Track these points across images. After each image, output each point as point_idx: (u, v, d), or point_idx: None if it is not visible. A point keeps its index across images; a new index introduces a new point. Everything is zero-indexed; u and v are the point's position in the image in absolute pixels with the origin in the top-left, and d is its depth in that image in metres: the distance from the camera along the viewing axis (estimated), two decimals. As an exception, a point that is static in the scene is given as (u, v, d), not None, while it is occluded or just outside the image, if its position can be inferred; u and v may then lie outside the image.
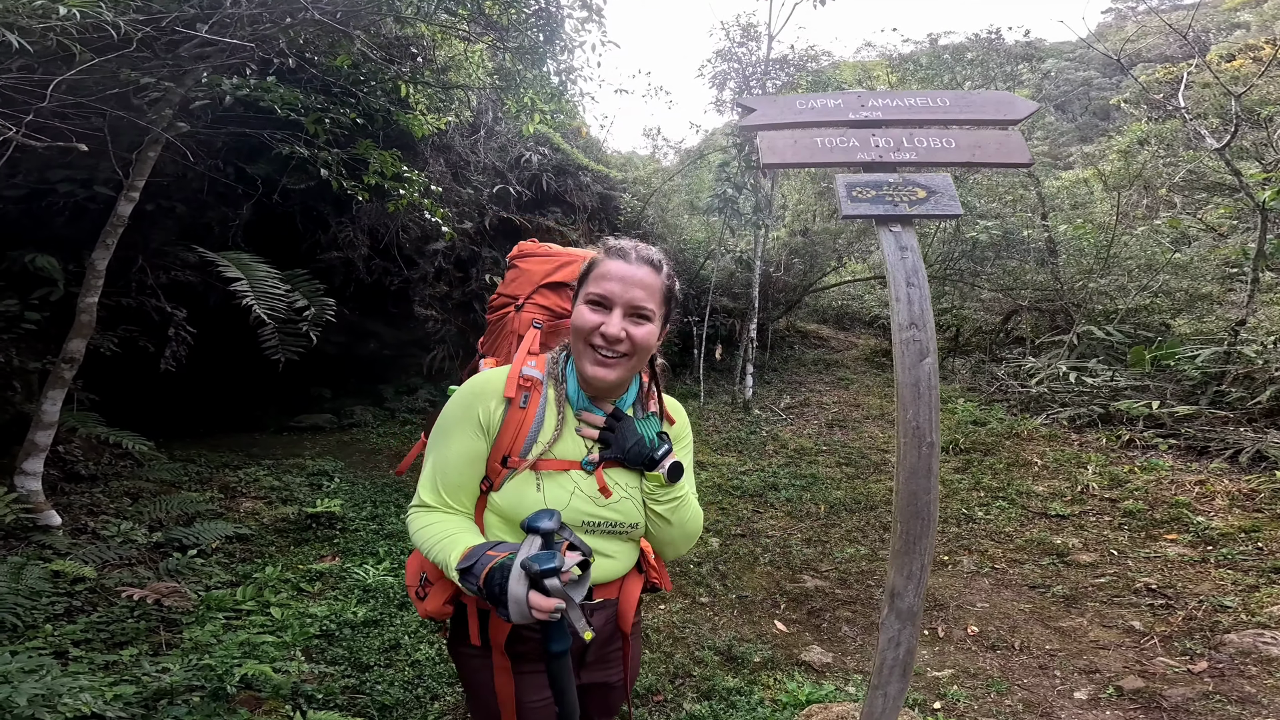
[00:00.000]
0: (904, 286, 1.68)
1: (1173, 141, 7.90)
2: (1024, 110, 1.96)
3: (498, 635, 1.06)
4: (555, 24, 5.01)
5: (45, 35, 2.25)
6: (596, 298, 1.05)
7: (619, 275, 1.05)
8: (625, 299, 1.05)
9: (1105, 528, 4.13)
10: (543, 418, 1.08)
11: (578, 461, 1.09)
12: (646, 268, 1.07)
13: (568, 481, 1.07)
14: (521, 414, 1.06)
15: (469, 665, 1.13)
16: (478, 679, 1.11)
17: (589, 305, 1.06)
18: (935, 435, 1.55)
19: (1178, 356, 5.85)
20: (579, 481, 1.08)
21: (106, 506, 3.52)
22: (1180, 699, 2.44)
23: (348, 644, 2.61)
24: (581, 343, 1.06)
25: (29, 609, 2.38)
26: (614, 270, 1.06)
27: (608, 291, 1.05)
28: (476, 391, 1.09)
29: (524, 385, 1.09)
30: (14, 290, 3.55)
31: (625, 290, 1.04)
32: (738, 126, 6.68)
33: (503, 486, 1.05)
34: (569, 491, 1.06)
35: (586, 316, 1.05)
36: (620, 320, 1.04)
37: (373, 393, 6.96)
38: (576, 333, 1.07)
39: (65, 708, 1.60)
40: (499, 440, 1.06)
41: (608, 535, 1.11)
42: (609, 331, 1.03)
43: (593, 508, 1.08)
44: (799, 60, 8.00)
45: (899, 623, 1.54)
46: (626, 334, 1.04)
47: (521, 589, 0.90)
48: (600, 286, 1.05)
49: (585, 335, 1.05)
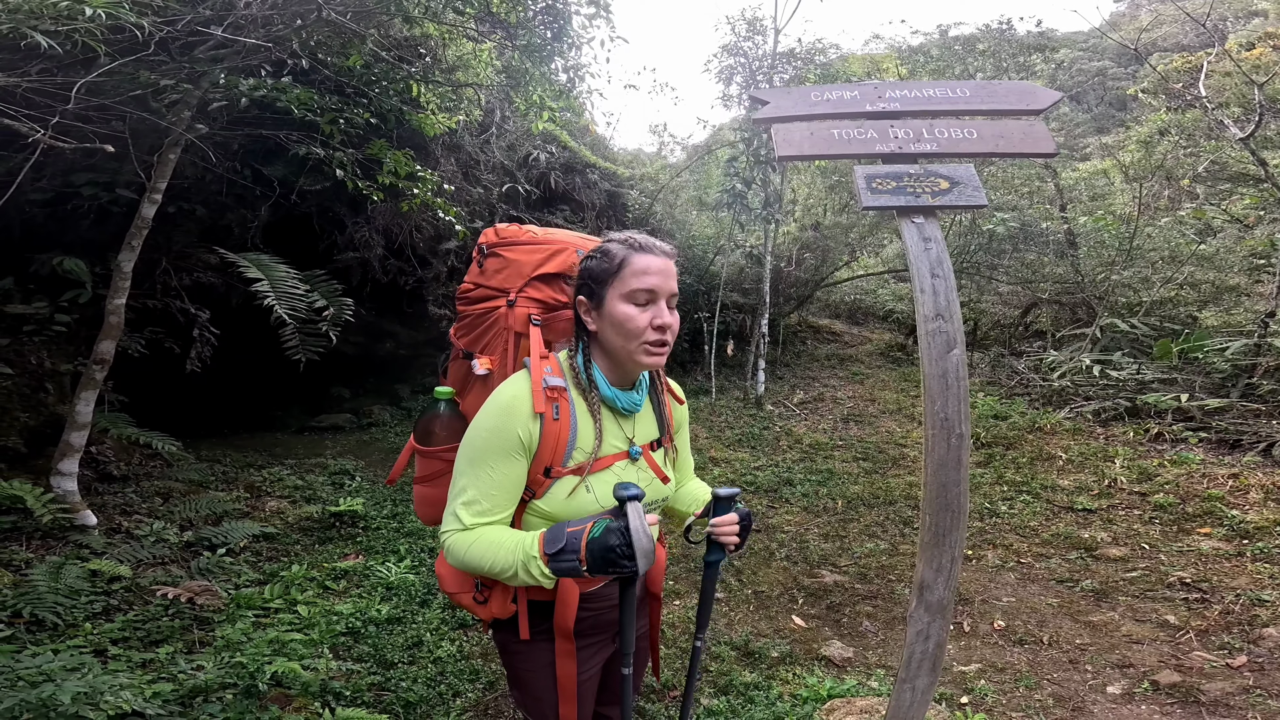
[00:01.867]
0: (928, 278, 1.66)
1: (1194, 131, 7.69)
2: (1047, 100, 1.92)
3: (564, 621, 1.09)
4: (563, 20, 5.01)
5: (69, 37, 2.29)
6: (644, 295, 1.07)
7: (657, 269, 1.08)
8: (667, 290, 1.09)
9: (1135, 522, 4.05)
10: (576, 425, 1.08)
11: (624, 452, 1.13)
12: (667, 258, 1.11)
13: (611, 476, 1.11)
14: (556, 425, 1.06)
15: (524, 658, 1.15)
16: (534, 668, 1.15)
17: (635, 304, 1.07)
18: (965, 427, 1.53)
19: (1206, 349, 5.70)
20: (620, 473, 1.12)
21: (139, 506, 3.59)
22: (1219, 694, 2.38)
23: (373, 641, 2.64)
24: (634, 340, 1.07)
25: (69, 608, 2.43)
26: (652, 264, 1.08)
27: (654, 285, 1.07)
28: (510, 412, 1.05)
29: (551, 396, 1.07)
30: (44, 293, 3.63)
31: (665, 282, 1.08)
32: (751, 119, 6.63)
33: (547, 494, 1.07)
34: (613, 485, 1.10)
35: (637, 315, 1.07)
36: (667, 310, 1.09)
37: (390, 392, 7.03)
38: (628, 332, 1.07)
39: (107, 705, 1.64)
40: (539, 454, 1.06)
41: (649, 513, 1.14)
42: (665, 321, 1.07)
43: None
44: (806, 54, 7.91)
45: (928, 615, 1.52)
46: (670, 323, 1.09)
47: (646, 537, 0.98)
48: (644, 282, 1.07)
49: (640, 332, 1.07)
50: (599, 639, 1.19)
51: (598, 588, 1.15)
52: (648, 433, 1.19)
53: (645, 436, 1.19)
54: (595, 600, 1.15)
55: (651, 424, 1.21)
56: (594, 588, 1.14)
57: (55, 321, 3.56)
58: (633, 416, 1.16)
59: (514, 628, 1.14)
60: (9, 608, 2.34)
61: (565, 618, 1.09)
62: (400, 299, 6.41)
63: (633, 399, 1.14)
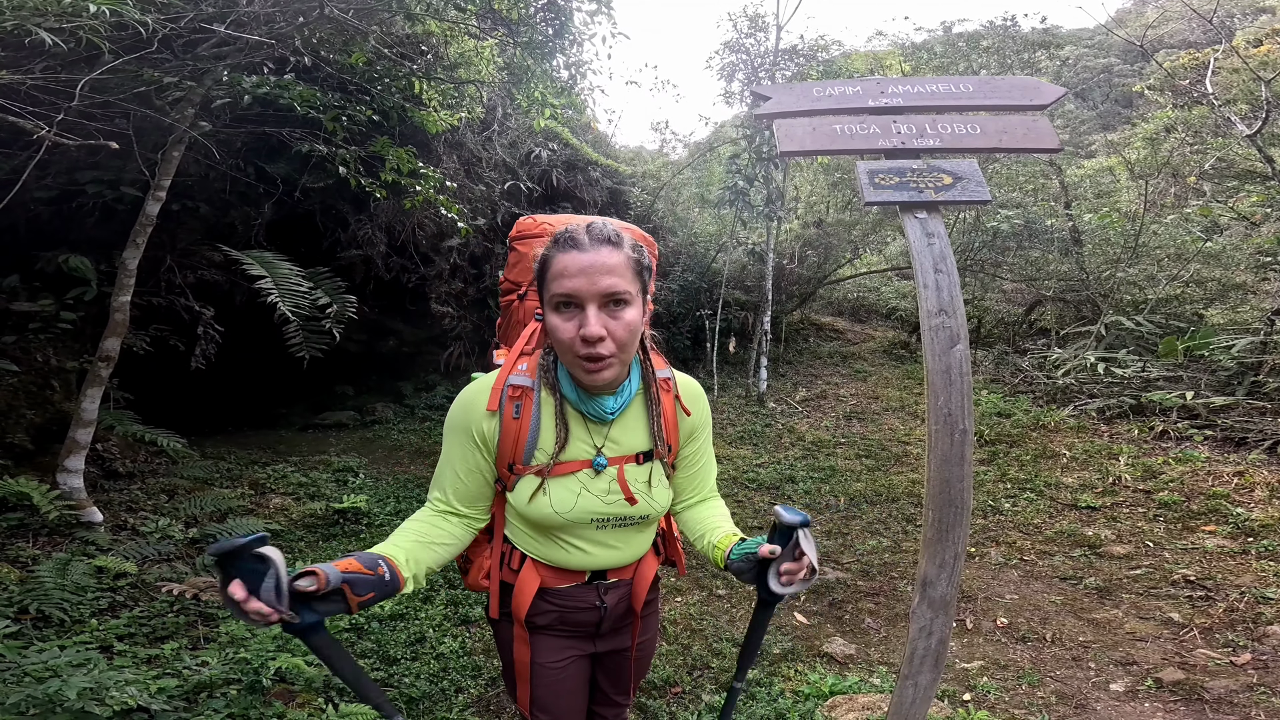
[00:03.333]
0: (931, 273, 1.65)
1: (1200, 128, 7.64)
2: (1051, 95, 1.91)
3: (518, 609, 1.13)
4: (564, 17, 5.01)
5: (73, 34, 2.29)
6: (563, 299, 0.93)
7: (579, 268, 0.91)
8: (594, 291, 0.92)
9: (1139, 519, 4.03)
10: (538, 425, 1.04)
11: (587, 461, 1.06)
12: (606, 248, 0.93)
13: (574, 483, 1.06)
14: (516, 424, 1.03)
15: (498, 634, 1.21)
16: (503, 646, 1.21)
17: (557, 311, 0.95)
18: (968, 422, 1.52)
19: (1212, 346, 5.67)
20: (586, 482, 1.06)
21: (144, 503, 3.62)
22: (1223, 691, 2.37)
23: (375, 637, 2.65)
24: (567, 354, 0.96)
25: (75, 604, 2.45)
26: (571, 264, 0.92)
27: (573, 289, 0.92)
28: (466, 406, 1.06)
29: (513, 395, 1.04)
30: (49, 291, 3.65)
31: (591, 282, 0.91)
32: (753, 115, 6.61)
33: (514, 489, 1.07)
34: (575, 493, 1.06)
35: (559, 325, 0.94)
36: (597, 316, 0.92)
37: (393, 390, 7.05)
38: (559, 345, 0.97)
39: (113, 700, 1.65)
40: (500, 450, 1.05)
41: (619, 528, 1.11)
42: (590, 333, 0.91)
43: (601, 505, 1.07)
44: (809, 50, 7.89)
45: (931, 612, 1.52)
46: (607, 330, 0.93)
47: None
48: (562, 286, 0.92)
49: (567, 346, 0.95)
50: (568, 635, 1.18)
51: (565, 587, 1.14)
52: (633, 443, 1.09)
53: (630, 447, 1.09)
54: (562, 598, 1.14)
55: (641, 434, 1.09)
56: (560, 585, 1.13)
57: (61, 319, 3.58)
58: (606, 425, 1.07)
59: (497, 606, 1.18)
60: (16, 604, 2.35)
61: (519, 605, 1.12)
62: (403, 296, 6.42)
63: (601, 406, 1.03)
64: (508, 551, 1.14)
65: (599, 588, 1.15)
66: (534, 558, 1.12)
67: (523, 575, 1.12)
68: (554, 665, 1.17)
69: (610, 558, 1.13)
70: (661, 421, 1.10)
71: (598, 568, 1.13)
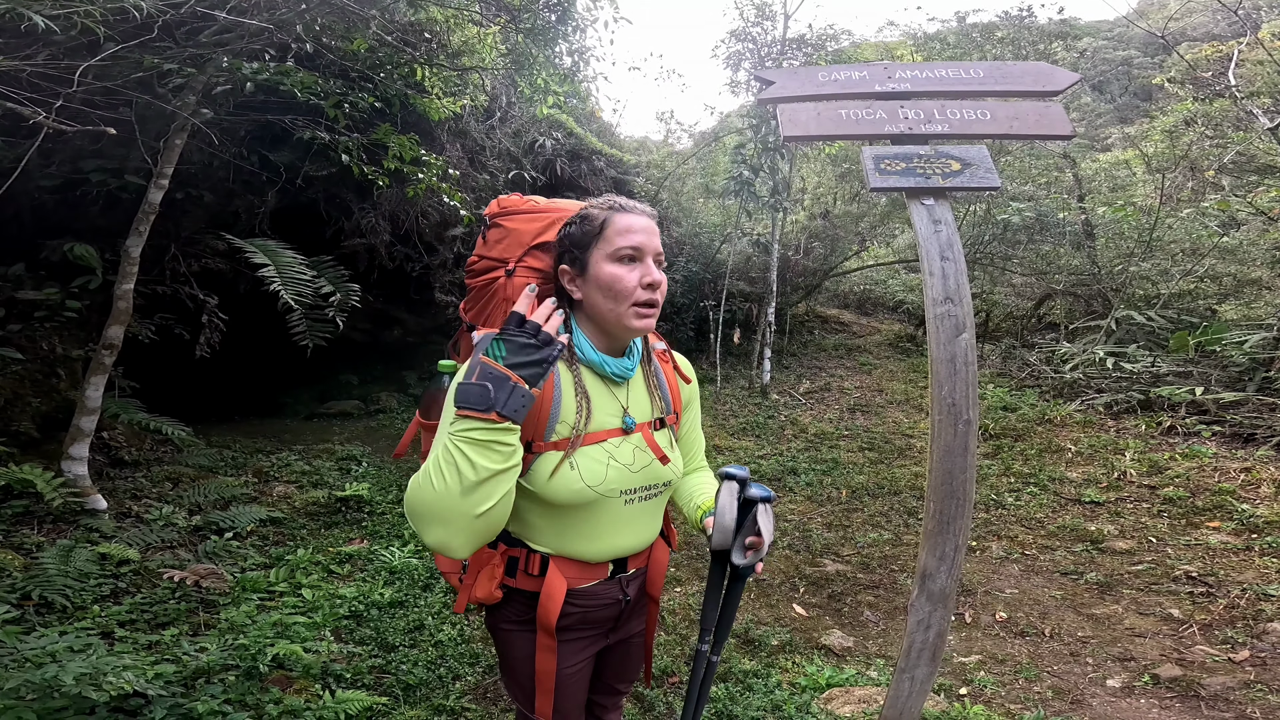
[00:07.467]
0: (938, 260, 1.62)
1: (1221, 121, 7.46)
2: (1064, 81, 1.86)
3: (547, 617, 1.06)
4: (567, 3, 4.94)
5: (69, 19, 2.27)
6: (630, 252, 1.03)
7: (641, 227, 1.05)
8: (652, 247, 1.06)
9: (1143, 515, 3.99)
10: (561, 396, 1.03)
11: (615, 429, 1.07)
12: (649, 218, 1.08)
13: (601, 454, 1.04)
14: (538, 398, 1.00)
15: (510, 640, 1.13)
16: (518, 653, 1.13)
17: (620, 263, 1.03)
18: (973, 412, 1.50)
19: (1224, 342, 5.59)
20: (612, 451, 1.05)
21: (148, 491, 3.64)
22: (1220, 688, 2.35)
23: (375, 624, 2.67)
24: (624, 302, 1.03)
25: (78, 590, 2.47)
26: (635, 223, 1.05)
27: (639, 244, 1.04)
28: None
29: None
30: (54, 279, 3.66)
31: (650, 239, 1.05)
32: (757, 99, 6.52)
33: (530, 471, 1.01)
34: (604, 464, 1.03)
35: (624, 274, 1.03)
36: (654, 267, 1.06)
37: (397, 379, 7.07)
38: (616, 293, 1.03)
39: (110, 686, 1.64)
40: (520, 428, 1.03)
41: (644, 501, 1.09)
42: (655, 278, 1.04)
43: (628, 476, 1.05)
44: (817, 40, 7.77)
45: (930, 605, 1.50)
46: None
47: (730, 516, 1.05)
48: (629, 240, 1.03)
49: (629, 292, 1.03)
50: (588, 634, 1.15)
51: (590, 585, 1.10)
52: (643, 409, 1.13)
53: (641, 413, 1.12)
54: (586, 597, 1.10)
55: (646, 402, 1.14)
56: (584, 584, 1.09)
57: (66, 307, 3.59)
58: (625, 385, 1.10)
59: (501, 612, 1.12)
60: (19, 590, 2.38)
61: (548, 613, 1.06)
62: (407, 285, 6.42)
63: (624, 364, 1.09)
64: (522, 556, 1.08)
65: (621, 580, 1.13)
66: (555, 556, 1.07)
67: (549, 579, 1.06)
68: (571, 669, 1.13)
69: (631, 541, 1.10)
70: (668, 389, 1.18)
71: (620, 554, 1.11)
